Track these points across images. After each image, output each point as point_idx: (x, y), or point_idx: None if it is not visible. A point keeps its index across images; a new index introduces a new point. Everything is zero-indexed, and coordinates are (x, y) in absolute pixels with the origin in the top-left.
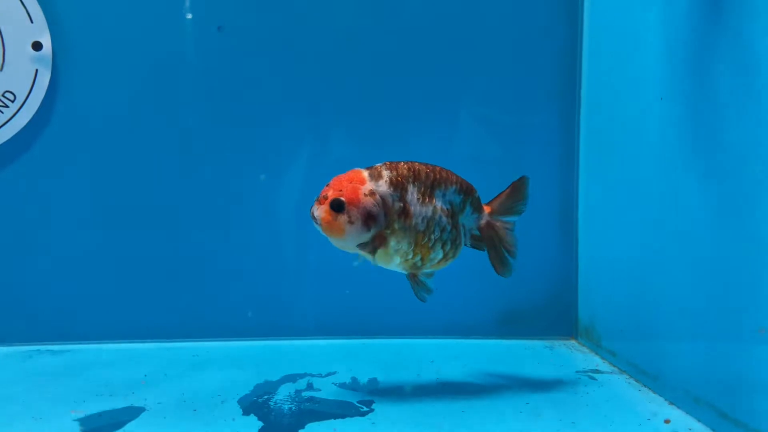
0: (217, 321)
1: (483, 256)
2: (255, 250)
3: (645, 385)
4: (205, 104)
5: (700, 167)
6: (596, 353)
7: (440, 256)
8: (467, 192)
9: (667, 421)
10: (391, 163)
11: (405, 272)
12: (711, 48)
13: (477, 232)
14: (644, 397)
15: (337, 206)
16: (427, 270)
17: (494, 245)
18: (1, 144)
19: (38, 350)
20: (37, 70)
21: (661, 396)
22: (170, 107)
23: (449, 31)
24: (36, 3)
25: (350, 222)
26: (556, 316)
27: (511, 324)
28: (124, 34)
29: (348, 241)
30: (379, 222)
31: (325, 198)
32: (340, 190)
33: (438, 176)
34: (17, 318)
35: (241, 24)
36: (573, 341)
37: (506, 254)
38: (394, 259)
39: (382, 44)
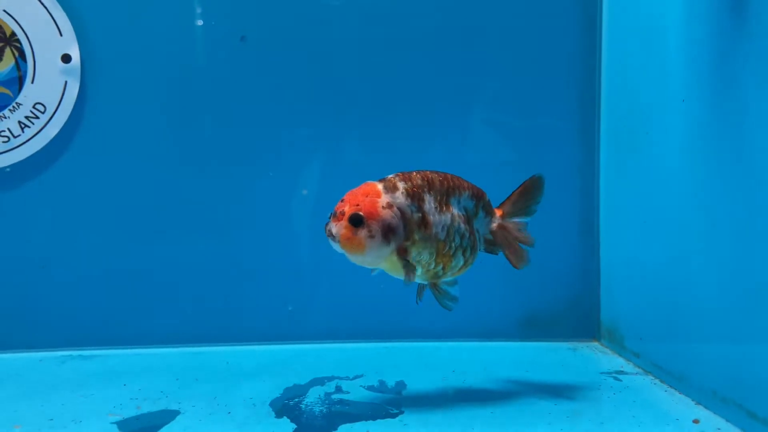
0: (246, 327)
1: (505, 259)
2: (272, 258)
3: (671, 386)
4: (228, 113)
5: (724, 167)
6: (620, 355)
7: (461, 263)
8: (479, 197)
9: (695, 421)
10: (403, 173)
11: (425, 282)
12: (734, 47)
13: (489, 236)
14: (671, 398)
15: (356, 221)
16: (447, 279)
17: (509, 244)
18: (33, 154)
19: (70, 355)
20: (66, 82)
21: (687, 396)
22: (195, 116)
23: (463, 34)
24: (65, 16)
25: (371, 236)
26: (579, 319)
27: (534, 327)
28: (150, 45)
29: (368, 256)
30: (399, 234)
31: (342, 214)
32: (357, 205)
33: (451, 183)
34: (49, 324)
35: (261, 34)
36: (596, 343)
37: (523, 247)
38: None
39: (395, 49)
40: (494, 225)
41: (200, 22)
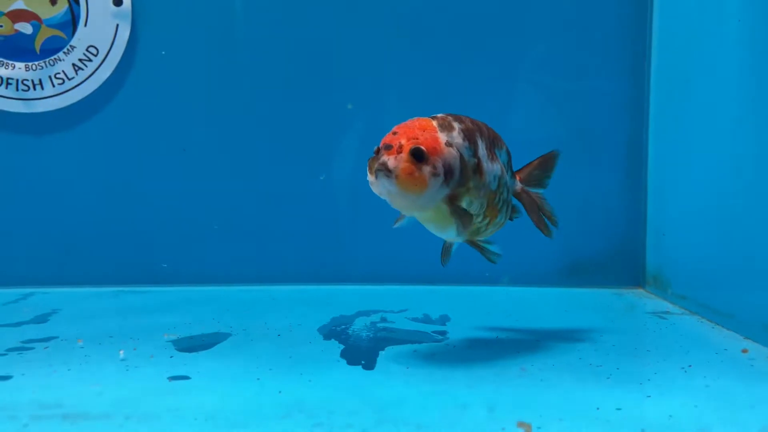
0: (291, 268)
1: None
2: (317, 209)
3: (718, 324)
4: (274, 61)
5: None
6: (665, 299)
7: (502, 219)
8: (510, 156)
9: (744, 351)
10: (452, 114)
11: (460, 239)
12: None
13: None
14: (718, 333)
15: (419, 155)
16: (483, 237)
17: (535, 211)
18: (86, 96)
19: (122, 290)
20: (117, 25)
21: (735, 332)
22: (244, 57)
23: None
24: None
25: (435, 174)
26: (624, 266)
27: (578, 274)
28: None
29: (425, 197)
30: (456, 179)
31: (401, 147)
32: (416, 138)
33: (494, 134)
34: (101, 262)
35: None
36: (640, 290)
37: (548, 222)
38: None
39: (441, 8)
40: (518, 188)
41: None
